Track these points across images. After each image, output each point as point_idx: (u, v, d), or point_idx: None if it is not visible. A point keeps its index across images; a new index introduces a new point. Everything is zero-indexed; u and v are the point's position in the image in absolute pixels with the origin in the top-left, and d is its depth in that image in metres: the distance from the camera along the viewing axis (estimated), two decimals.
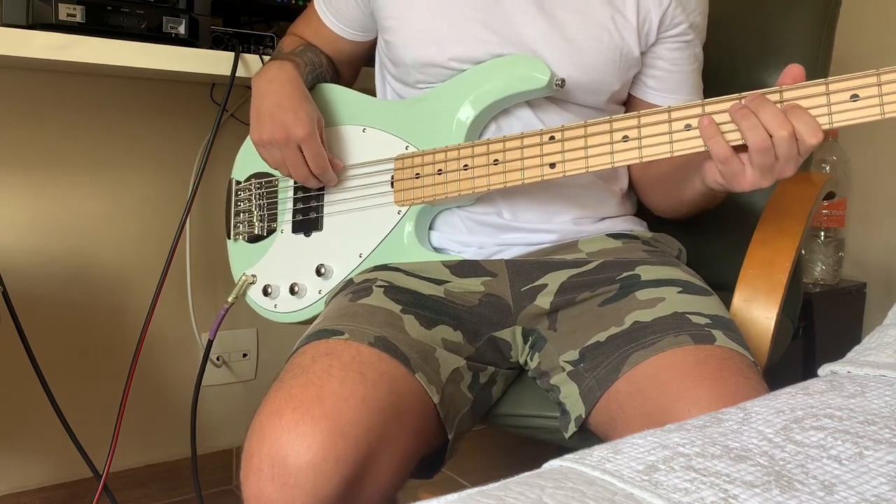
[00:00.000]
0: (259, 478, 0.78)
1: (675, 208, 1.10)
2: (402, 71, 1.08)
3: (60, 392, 1.38)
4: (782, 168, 0.82)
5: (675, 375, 0.83)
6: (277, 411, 0.80)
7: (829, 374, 0.70)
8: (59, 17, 1.18)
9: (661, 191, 1.11)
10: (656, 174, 1.10)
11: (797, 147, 0.81)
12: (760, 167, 0.82)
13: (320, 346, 0.88)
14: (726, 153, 0.83)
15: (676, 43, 1.07)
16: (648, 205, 1.16)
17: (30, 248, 1.48)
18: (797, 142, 0.81)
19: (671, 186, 1.06)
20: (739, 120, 0.82)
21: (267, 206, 1.20)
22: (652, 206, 1.15)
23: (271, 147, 1.06)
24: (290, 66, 1.09)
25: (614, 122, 0.90)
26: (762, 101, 0.81)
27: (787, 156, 0.81)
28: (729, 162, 0.83)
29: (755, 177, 0.83)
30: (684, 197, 1.02)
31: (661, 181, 1.09)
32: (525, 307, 1.00)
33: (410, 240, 1.05)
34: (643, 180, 1.13)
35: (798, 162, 0.83)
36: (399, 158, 1.05)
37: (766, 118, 0.80)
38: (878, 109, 0.79)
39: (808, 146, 0.81)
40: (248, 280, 1.19)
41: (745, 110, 0.82)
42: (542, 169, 0.94)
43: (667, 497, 0.45)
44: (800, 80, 0.82)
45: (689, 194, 1.00)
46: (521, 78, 0.99)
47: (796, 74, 0.82)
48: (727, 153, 0.83)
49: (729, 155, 0.83)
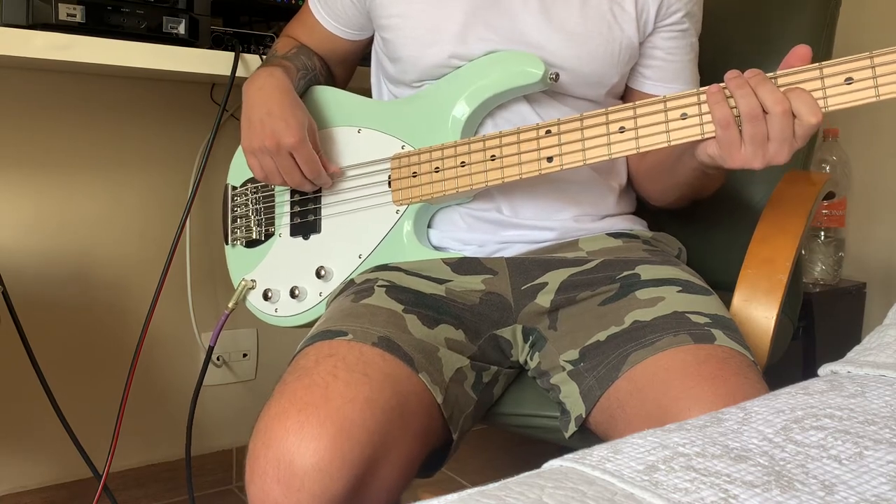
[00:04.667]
0: (264, 480, 0.78)
1: (667, 193, 1.10)
2: (401, 69, 1.08)
3: (60, 392, 1.38)
4: (776, 150, 0.82)
5: (675, 375, 0.83)
6: (283, 413, 0.80)
7: (829, 374, 0.70)
8: (59, 17, 1.18)
9: (655, 176, 1.11)
10: (652, 161, 1.10)
11: (793, 127, 0.81)
12: (752, 139, 0.82)
13: (323, 347, 0.88)
14: (728, 118, 0.83)
15: (673, 32, 1.07)
16: (644, 193, 1.16)
17: (30, 248, 1.48)
18: (794, 121, 0.81)
19: (663, 169, 1.06)
20: (735, 88, 0.83)
21: (264, 210, 1.20)
22: (647, 194, 1.15)
23: (262, 155, 1.05)
24: (280, 72, 1.09)
25: (610, 114, 0.90)
26: (761, 77, 0.82)
27: (780, 136, 0.81)
28: (729, 127, 0.83)
29: (747, 152, 0.83)
30: (677, 177, 1.02)
31: (656, 167, 1.09)
32: (525, 305, 1.00)
33: (410, 239, 1.05)
34: (640, 169, 1.13)
35: (793, 146, 0.83)
36: (395, 158, 1.05)
37: (763, 94, 0.81)
38: (872, 91, 0.80)
39: (808, 126, 0.81)
40: (248, 285, 1.19)
41: (742, 80, 0.83)
42: (539, 163, 0.94)
43: (667, 497, 0.45)
44: (807, 60, 0.83)
45: (680, 173, 1.01)
46: (515, 73, 0.99)
47: (803, 54, 0.83)
48: (729, 118, 0.83)
49: (731, 120, 0.83)
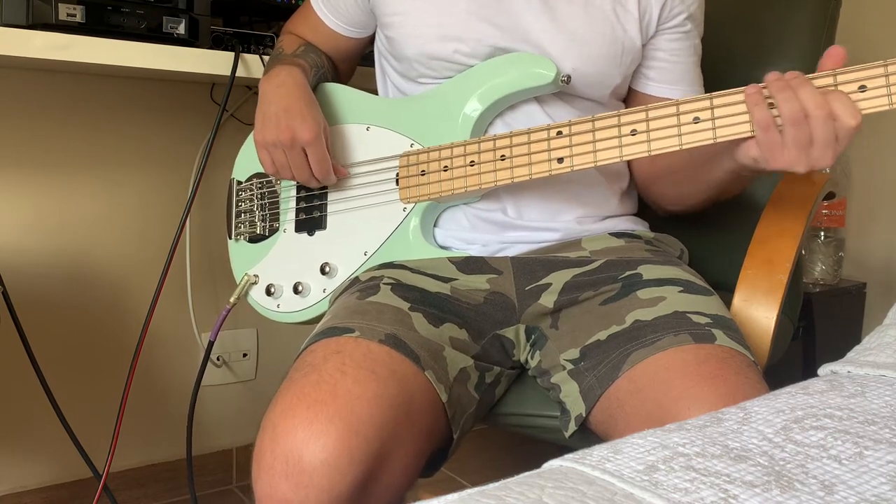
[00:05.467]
0: (272, 476, 0.78)
1: (690, 196, 1.08)
2: (406, 66, 1.08)
3: (60, 392, 1.38)
4: (820, 154, 0.82)
5: (676, 375, 0.83)
6: (291, 409, 0.80)
7: (829, 374, 0.70)
8: (59, 17, 1.18)
9: (675, 178, 1.08)
10: (669, 162, 1.08)
11: (835, 130, 0.81)
12: (796, 143, 0.82)
13: (330, 343, 0.87)
14: (768, 120, 0.83)
15: (676, 34, 1.07)
16: (656, 198, 1.14)
17: (30, 248, 1.48)
18: (835, 124, 0.81)
19: (689, 171, 1.04)
20: (777, 92, 0.82)
21: (269, 205, 1.20)
22: (661, 199, 1.13)
23: (275, 148, 1.05)
24: (299, 71, 1.09)
25: (622, 116, 0.90)
26: (803, 80, 0.82)
27: (824, 139, 0.81)
28: (769, 129, 0.83)
29: (791, 154, 0.83)
30: (708, 179, 1.00)
31: (678, 169, 1.07)
32: (529, 306, 1.00)
33: (416, 237, 1.05)
34: (651, 173, 1.12)
35: (836, 150, 0.82)
36: (404, 156, 1.06)
37: (805, 96, 0.81)
38: (885, 100, 0.81)
39: (847, 128, 0.81)
40: (251, 280, 1.19)
41: (783, 83, 0.82)
42: (549, 164, 0.94)
43: (667, 497, 0.45)
44: (841, 61, 0.82)
45: (713, 175, 0.99)
46: (527, 74, 1.00)
47: (837, 56, 0.83)
48: (769, 120, 0.83)
49: (770, 122, 0.83)
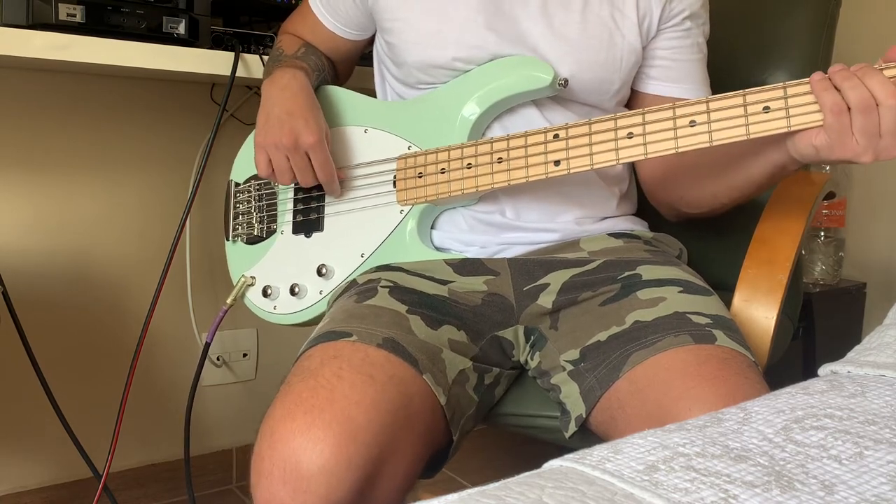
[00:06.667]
0: (271, 482, 0.78)
1: (719, 196, 1.02)
2: (405, 72, 1.08)
3: (60, 392, 1.38)
4: (889, 144, 0.80)
5: (676, 375, 0.83)
6: (288, 415, 0.80)
7: (830, 374, 0.70)
8: (59, 17, 1.18)
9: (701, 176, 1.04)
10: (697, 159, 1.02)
11: None
12: (864, 132, 0.79)
13: (328, 348, 0.87)
14: (841, 104, 0.80)
15: (676, 32, 1.07)
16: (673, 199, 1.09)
17: (30, 248, 1.48)
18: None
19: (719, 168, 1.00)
20: (842, 80, 0.80)
21: (266, 207, 1.20)
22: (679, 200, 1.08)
23: (276, 151, 1.05)
24: (302, 74, 1.09)
25: (619, 120, 0.90)
26: (869, 68, 0.80)
27: (893, 130, 0.79)
28: (842, 114, 0.80)
29: (859, 143, 0.80)
30: (750, 175, 0.96)
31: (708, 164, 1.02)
32: (528, 306, 1.00)
33: (413, 239, 1.05)
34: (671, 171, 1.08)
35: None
36: (401, 158, 1.05)
37: (873, 85, 0.79)
38: None
39: None
40: (247, 281, 1.19)
41: (848, 72, 0.80)
42: (546, 167, 0.94)
43: (667, 497, 0.45)
44: None
45: (754, 171, 0.95)
46: (525, 78, 1.00)
47: None
48: (842, 104, 0.80)
49: (843, 106, 0.80)
